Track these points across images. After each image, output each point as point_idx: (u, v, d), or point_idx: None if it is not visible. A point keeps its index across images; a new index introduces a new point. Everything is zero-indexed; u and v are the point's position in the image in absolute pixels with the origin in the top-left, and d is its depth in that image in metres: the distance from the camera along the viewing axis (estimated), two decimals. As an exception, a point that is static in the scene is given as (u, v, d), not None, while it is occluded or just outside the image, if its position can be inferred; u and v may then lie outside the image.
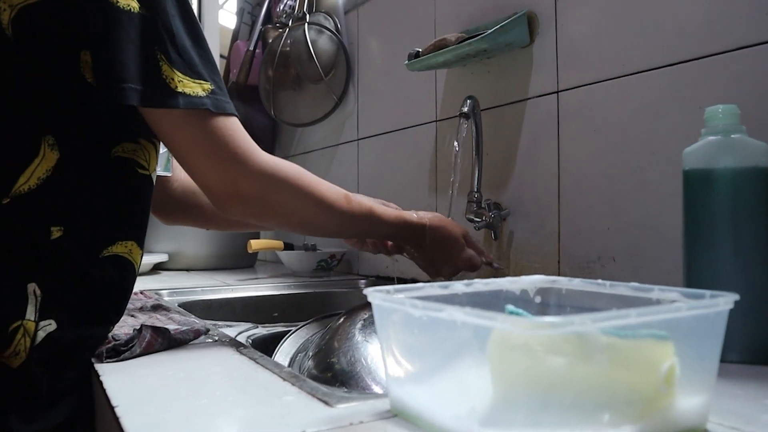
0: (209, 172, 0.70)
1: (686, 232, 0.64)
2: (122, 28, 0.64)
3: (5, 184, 0.64)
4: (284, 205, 0.75)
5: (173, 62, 0.66)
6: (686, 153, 0.64)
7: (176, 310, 1.00)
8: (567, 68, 1.02)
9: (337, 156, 1.72)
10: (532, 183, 1.08)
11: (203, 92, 0.67)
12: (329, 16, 1.70)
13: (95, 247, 0.69)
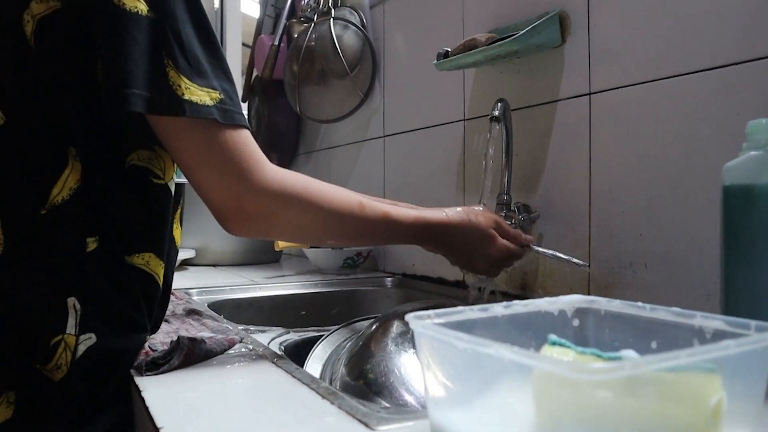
0: (213, 186, 0.69)
1: (725, 248, 0.63)
2: (127, 31, 0.63)
3: (41, 195, 0.65)
4: (292, 221, 0.74)
5: (181, 68, 0.65)
6: (727, 168, 0.63)
7: (208, 314, 1.01)
8: (600, 70, 1.01)
9: (363, 152, 1.72)
10: (563, 185, 1.07)
11: (211, 101, 0.66)
12: (354, 10, 1.69)
13: (121, 257, 0.70)
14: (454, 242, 0.89)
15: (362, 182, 1.72)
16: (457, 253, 0.91)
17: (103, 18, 0.63)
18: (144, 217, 0.73)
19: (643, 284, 0.94)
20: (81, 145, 0.66)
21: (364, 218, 0.79)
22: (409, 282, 1.47)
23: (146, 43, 0.63)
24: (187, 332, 0.87)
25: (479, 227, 0.89)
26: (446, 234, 0.87)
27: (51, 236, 0.65)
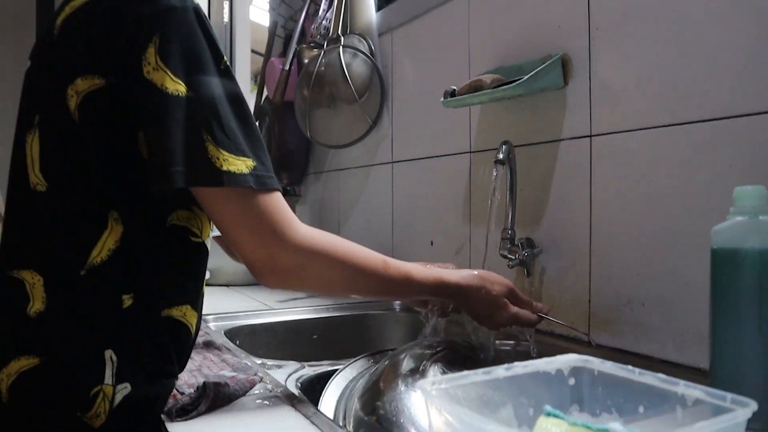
0: (249, 245, 0.74)
1: (713, 305, 0.68)
2: (170, 113, 0.68)
3: (81, 256, 0.70)
4: (321, 277, 0.80)
5: (218, 142, 0.69)
6: (715, 231, 0.68)
7: (227, 348, 1.06)
8: (600, 113, 1.06)
9: (372, 176, 1.77)
10: (565, 223, 1.12)
11: (247, 169, 0.70)
12: (363, 38, 1.74)
13: (157, 311, 0.75)
14: (468, 303, 0.93)
15: (371, 207, 1.78)
16: (470, 312, 0.96)
17: (146, 100, 0.68)
18: (183, 273, 0.78)
19: (640, 322, 0.98)
20: (122, 208, 0.71)
21: (388, 277, 0.85)
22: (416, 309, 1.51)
23: (186, 121, 0.68)
24: (210, 370, 0.92)
25: (491, 294, 0.93)
26: (461, 295, 0.92)
27: (89, 295, 0.70)
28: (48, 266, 0.71)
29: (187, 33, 0.69)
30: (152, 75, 0.67)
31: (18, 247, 0.74)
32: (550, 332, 1.14)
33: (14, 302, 0.71)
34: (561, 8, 1.13)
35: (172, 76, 0.68)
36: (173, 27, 0.68)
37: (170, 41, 0.68)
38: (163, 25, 0.68)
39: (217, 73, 0.71)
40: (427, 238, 1.52)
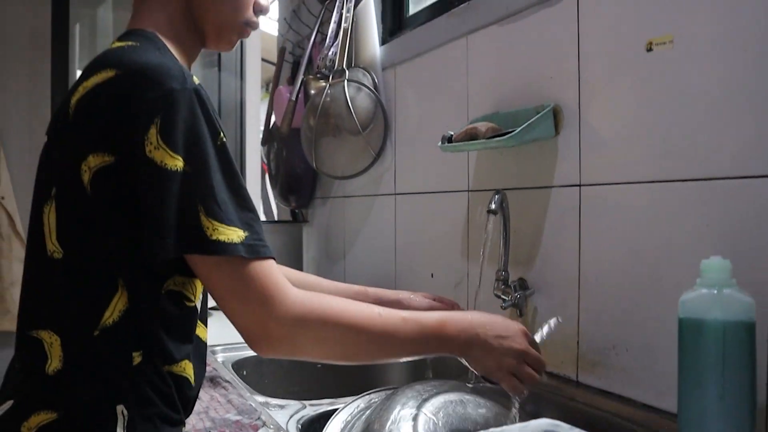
0: (240, 314, 0.77)
1: (680, 371, 0.73)
2: (166, 186, 0.73)
3: (94, 319, 0.77)
4: (315, 342, 0.81)
5: (210, 213, 0.74)
6: (682, 301, 0.73)
7: (233, 385, 1.12)
8: (589, 164, 1.10)
9: (376, 206, 1.83)
10: (556, 265, 1.17)
11: (238, 239, 0.75)
12: (367, 72, 1.79)
13: (161, 367, 0.81)
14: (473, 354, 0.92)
15: (375, 235, 1.83)
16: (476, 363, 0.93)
17: (146, 176, 0.74)
18: (179, 334, 0.84)
19: (624, 366, 1.03)
20: (127, 275, 0.78)
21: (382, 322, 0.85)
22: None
23: (181, 194, 0.73)
24: (216, 412, 0.98)
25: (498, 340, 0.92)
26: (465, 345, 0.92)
27: (102, 353, 0.76)
28: (64, 327, 0.77)
29: (187, 113, 0.75)
30: (153, 153, 0.73)
31: (37, 309, 0.80)
32: (542, 370, 1.19)
33: (34, 360, 0.78)
34: (553, 60, 1.18)
35: (171, 153, 0.73)
36: (174, 108, 0.74)
37: (171, 122, 0.73)
38: (165, 107, 0.73)
39: (213, 149, 0.76)
40: (428, 270, 1.57)
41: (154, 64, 0.77)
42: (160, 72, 0.75)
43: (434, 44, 1.54)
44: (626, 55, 1.03)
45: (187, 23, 0.92)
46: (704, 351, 0.70)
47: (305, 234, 2.27)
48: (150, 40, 0.85)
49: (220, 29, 0.94)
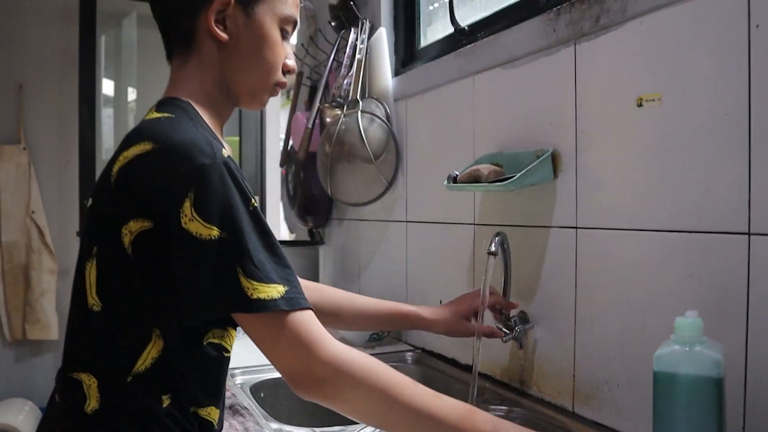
0: (285, 360, 0.84)
1: (654, 418, 0.79)
2: (202, 255, 0.81)
3: (128, 365, 0.85)
4: (356, 387, 0.85)
5: (248, 274, 0.81)
6: (656, 356, 0.80)
7: (250, 412, 1.20)
8: (585, 208, 1.17)
9: (388, 231, 1.90)
10: (554, 301, 1.24)
11: (278, 294, 0.82)
12: (380, 102, 1.87)
13: (189, 409, 0.90)
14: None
15: (387, 259, 1.91)
16: None
17: (182, 246, 0.81)
18: (212, 381, 0.93)
19: (615, 401, 1.10)
20: (164, 327, 0.86)
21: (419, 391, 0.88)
22: (427, 359, 1.65)
23: (219, 260, 0.81)
24: (234, 442, 1.06)
25: None
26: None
27: (134, 396, 0.85)
28: (101, 372, 0.86)
29: (219, 185, 0.82)
30: (188, 225, 0.81)
31: (78, 354, 0.89)
32: (540, 400, 1.26)
33: (75, 399, 0.87)
34: (552, 107, 1.24)
35: (205, 224, 0.81)
36: (206, 182, 0.81)
37: (203, 194, 0.81)
38: (198, 181, 0.81)
39: (246, 214, 0.83)
40: (437, 296, 1.64)
41: (186, 141, 0.84)
42: (191, 148, 0.83)
43: (443, 80, 1.61)
44: (619, 108, 1.09)
45: (221, 89, 0.99)
46: (676, 403, 0.77)
47: (322, 254, 2.35)
48: (184, 110, 0.93)
49: (253, 92, 1.01)
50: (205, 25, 0.95)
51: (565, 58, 1.21)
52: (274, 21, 0.98)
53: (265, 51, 0.98)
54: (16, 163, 3.11)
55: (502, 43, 1.38)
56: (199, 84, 0.97)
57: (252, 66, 0.98)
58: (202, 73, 0.97)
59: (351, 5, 2.06)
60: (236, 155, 3.54)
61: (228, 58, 0.97)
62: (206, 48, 0.96)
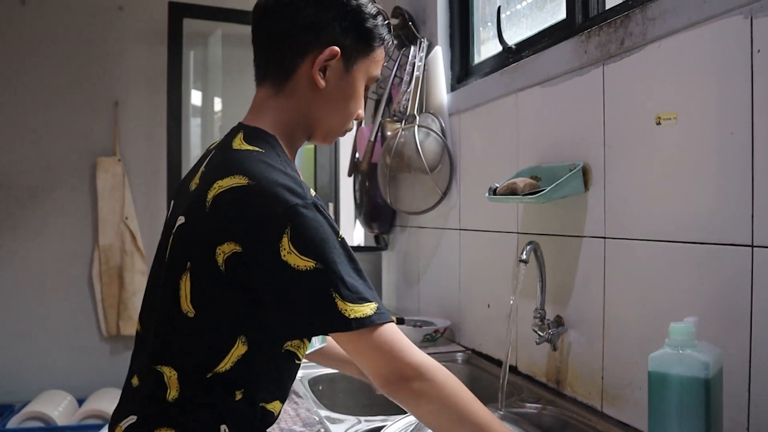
0: (379, 365, 0.96)
1: (649, 415, 0.87)
2: (303, 283, 0.93)
3: (211, 365, 0.98)
4: (438, 390, 0.95)
5: (345, 297, 0.93)
6: (650, 358, 0.87)
7: (304, 399, 1.34)
8: (613, 220, 1.24)
9: (444, 238, 2.01)
10: (585, 306, 1.32)
11: (370, 311, 0.93)
12: (436, 117, 1.98)
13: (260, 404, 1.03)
14: None
15: (443, 265, 2.02)
16: None
17: (280, 274, 0.92)
18: (282, 382, 1.06)
19: (638, 402, 1.17)
20: (250, 335, 0.99)
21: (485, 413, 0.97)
22: (476, 360, 1.75)
23: (316, 288, 0.92)
24: (285, 423, 1.20)
25: None
26: None
27: (211, 390, 0.99)
28: (184, 367, 1.00)
29: (312, 222, 0.94)
30: (287, 257, 0.92)
31: (165, 351, 1.02)
32: (573, 399, 1.33)
33: (157, 388, 1.01)
34: (583, 123, 1.32)
35: (302, 257, 0.92)
36: (301, 219, 0.93)
37: (299, 230, 0.93)
38: (293, 219, 0.93)
39: (337, 244, 0.96)
40: (485, 300, 1.74)
41: (280, 182, 0.96)
42: (285, 188, 0.95)
43: (491, 97, 1.71)
44: (641, 125, 1.17)
45: (301, 123, 1.11)
46: (667, 401, 0.85)
47: (385, 259, 2.48)
48: (272, 147, 1.04)
49: (328, 133, 1.14)
50: (307, 69, 1.06)
51: (594, 78, 1.29)
52: (363, 78, 1.09)
53: (351, 102, 1.10)
54: (112, 173, 3.41)
55: (541, 63, 1.46)
56: (284, 117, 1.08)
57: (336, 112, 1.10)
58: (289, 108, 1.08)
59: (410, 25, 2.19)
60: (311, 163, 3.73)
61: (317, 101, 1.08)
62: (301, 88, 1.07)
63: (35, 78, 3.44)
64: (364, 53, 1.07)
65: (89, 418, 3.06)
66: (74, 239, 3.44)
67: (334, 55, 1.04)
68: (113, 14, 3.55)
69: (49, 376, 3.34)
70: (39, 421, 2.99)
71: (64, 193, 3.44)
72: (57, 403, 3.14)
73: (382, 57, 1.12)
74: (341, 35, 1.04)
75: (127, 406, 1.04)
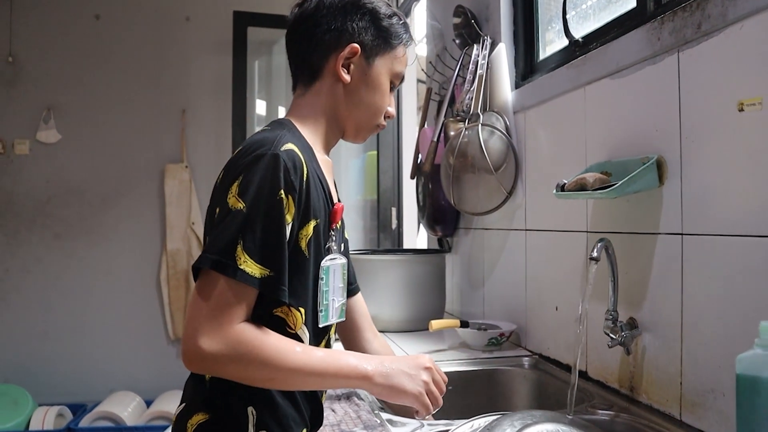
0: (187, 327, 0.96)
1: (737, 420, 0.80)
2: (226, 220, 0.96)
3: None
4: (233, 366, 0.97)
5: (246, 248, 0.95)
6: (738, 359, 0.81)
7: (366, 402, 1.31)
8: (690, 215, 1.17)
9: (509, 240, 1.95)
10: (661, 308, 1.24)
11: (259, 275, 0.95)
12: (500, 115, 1.93)
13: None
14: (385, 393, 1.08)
15: (508, 267, 1.96)
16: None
17: (221, 211, 0.98)
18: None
19: (721, 410, 1.09)
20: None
21: (302, 353, 1.01)
22: (544, 364, 1.68)
23: (233, 227, 0.95)
24: (347, 426, 1.18)
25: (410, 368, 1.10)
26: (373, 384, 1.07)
27: None
28: None
29: (260, 171, 0.97)
30: (230, 200, 0.97)
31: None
32: (649, 407, 1.26)
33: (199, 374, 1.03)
34: (657, 114, 1.25)
35: (238, 198, 0.96)
36: (252, 167, 0.98)
37: (247, 177, 0.97)
38: (248, 167, 0.98)
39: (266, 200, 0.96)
40: (553, 303, 1.67)
41: (258, 138, 1.03)
42: (257, 142, 1.02)
43: (558, 92, 1.65)
44: (721, 113, 1.09)
45: (330, 120, 1.19)
46: (759, 406, 0.77)
47: (449, 262, 2.43)
48: (282, 125, 1.12)
49: (358, 128, 1.22)
50: (332, 66, 1.15)
51: (669, 66, 1.22)
52: (387, 74, 1.19)
53: (376, 97, 1.18)
54: (179, 179, 3.49)
55: (610, 54, 1.40)
56: (311, 111, 1.17)
57: (362, 107, 1.18)
58: (316, 103, 1.17)
59: (473, 23, 2.14)
60: (374, 169, 3.71)
61: (343, 97, 1.17)
62: (327, 84, 1.17)
63: (108, 89, 3.56)
64: (384, 50, 1.18)
65: (156, 420, 3.12)
66: (144, 244, 3.53)
67: (355, 52, 1.14)
68: (181, 25, 3.65)
69: (119, 377, 3.44)
70: (109, 421, 3.07)
71: (134, 199, 3.54)
72: (126, 404, 3.22)
73: (403, 55, 1.22)
74: (360, 34, 1.15)
75: (183, 394, 1.09)
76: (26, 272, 3.47)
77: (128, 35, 3.60)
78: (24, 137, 3.49)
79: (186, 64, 3.63)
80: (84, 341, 3.47)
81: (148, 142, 3.57)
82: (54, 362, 3.43)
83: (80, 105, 3.54)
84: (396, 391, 1.06)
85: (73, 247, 3.50)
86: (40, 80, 3.51)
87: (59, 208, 3.50)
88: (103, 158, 3.54)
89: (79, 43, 3.55)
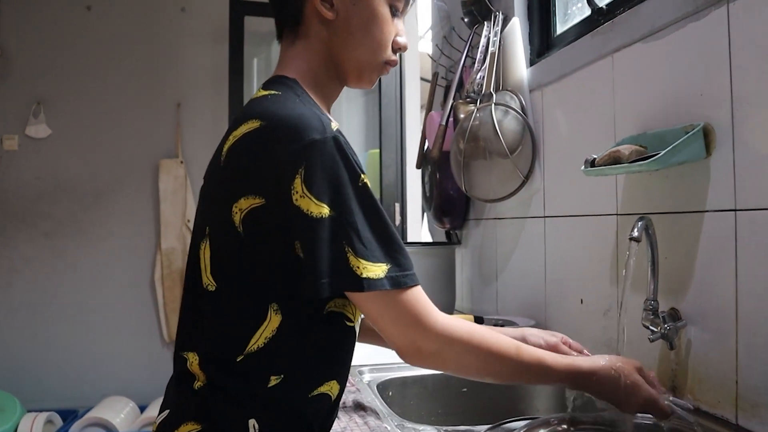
0: (393, 335, 0.86)
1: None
2: (315, 233, 0.80)
3: (240, 344, 0.84)
4: (458, 361, 0.89)
5: (358, 252, 0.80)
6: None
7: (373, 408, 1.16)
8: (746, 187, 1.02)
9: (526, 228, 1.81)
10: (710, 296, 1.09)
11: (382, 273, 0.81)
12: (515, 94, 1.78)
13: (306, 390, 0.87)
14: (603, 389, 0.96)
15: (525, 258, 1.81)
16: (606, 398, 0.98)
17: (296, 222, 0.81)
18: (335, 354, 0.91)
19: (788, 411, 0.94)
20: (282, 301, 0.85)
21: (520, 361, 0.92)
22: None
23: (331, 238, 0.80)
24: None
25: (626, 378, 0.96)
26: (596, 382, 0.95)
27: (241, 376, 0.84)
28: (210, 351, 0.86)
29: (328, 161, 0.81)
30: (299, 201, 0.80)
31: (189, 334, 0.90)
32: (697, 409, 1.11)
33: (185, 377, 0.87)
34: (701, 77, 1.11)
35: (316, 202, 0.79)
36: (316, 158, 0.80)
37: (313, 171, 0.80)
38: (308, 157, 0.80)
39: (354, 192, 0.82)
40: (577, 295, 1.52)
41: (294, 116, 0.84)
42: (300, 123, 0.82)
43: (580, 64, 1.50)
44: (784, 68, 0.94)
45: (329, 68, 0.99)
46: None
47: (458, 255, 2.29)
48: (290, 87, 0.93)
49: (360, 70, 1.00)
50: (312, 6, 0.95)
51: (716, 21, 1.07)
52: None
53: (373, 28, 0.96)
54: (174, 175, 3.34)
55: (642, 16, 1.25)
56: (306, 63, 0.97)
57: (360, 44, 0.97)
58: (309, 53, 0.97)
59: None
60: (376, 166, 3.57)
61: (335, 37, 0.96)
62: (313, 27, 0.96)
63: (100, 82, 3.42)
64: None
65: (150, 426, 2.97)
66: (137, 242, 3.38)
67: None
68: (176, 16, 3.51)
69: (111, 381, 3.29)
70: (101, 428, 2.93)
71: (127, 196, 3.39)
72: (119, 409, 3.07)
73: None
74: None
75: (165, 400, 0.92)
76: (14, 272, 3.32)
77: (121, 26, 3.46)
78: (12, 132, 3.34)
79: (181, 56, 3.49)
80: (75, 344, 3.32)
81: (142, 137, 3.42)
82: (43, 366, 3.27)
83: (71, 99, 3.39)
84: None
85: (64, 246, 3.35)
86: (30, 73, 3.37)
87: (49, 206, 3.35)
88: (95, 154, 3.39)
89: (69, 34, 3.40)
